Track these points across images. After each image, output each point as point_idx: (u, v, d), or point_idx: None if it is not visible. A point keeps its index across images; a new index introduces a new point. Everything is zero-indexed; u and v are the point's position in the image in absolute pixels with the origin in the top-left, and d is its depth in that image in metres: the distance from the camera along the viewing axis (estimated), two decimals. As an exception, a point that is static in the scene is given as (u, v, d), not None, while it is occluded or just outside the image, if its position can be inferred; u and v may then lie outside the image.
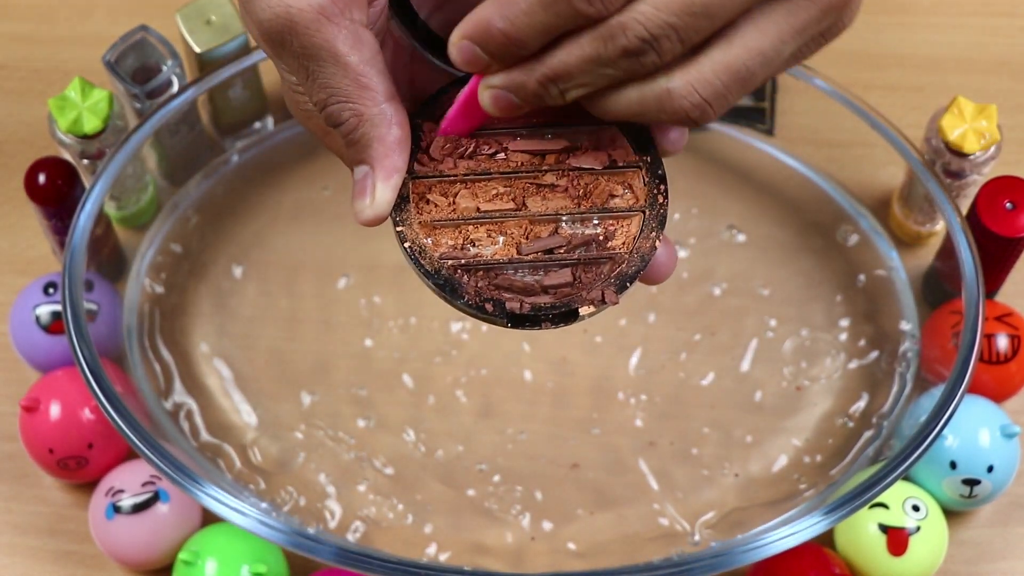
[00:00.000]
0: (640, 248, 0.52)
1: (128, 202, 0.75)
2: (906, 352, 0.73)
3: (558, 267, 0.52)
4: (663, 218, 0.52)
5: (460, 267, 0.51)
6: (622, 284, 0.51)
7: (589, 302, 0.51)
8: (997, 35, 0.84)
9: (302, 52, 0.48)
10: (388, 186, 0.50)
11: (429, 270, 0.51)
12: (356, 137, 0.50)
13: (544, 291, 0.51)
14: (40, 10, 0.84)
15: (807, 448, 0.72)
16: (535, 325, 0.51)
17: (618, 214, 0.52)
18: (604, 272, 0.52)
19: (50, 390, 0.70)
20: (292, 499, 0.70)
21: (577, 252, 0.52)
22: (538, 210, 0.52)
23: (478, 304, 0.51)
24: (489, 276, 0.51)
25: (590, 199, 0.52)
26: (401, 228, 0.51)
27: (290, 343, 0.74)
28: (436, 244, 0.52)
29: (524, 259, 0.51)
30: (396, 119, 0.50)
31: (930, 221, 0.76)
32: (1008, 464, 0.69)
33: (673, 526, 0.70)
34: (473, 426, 0.72)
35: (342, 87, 0.49)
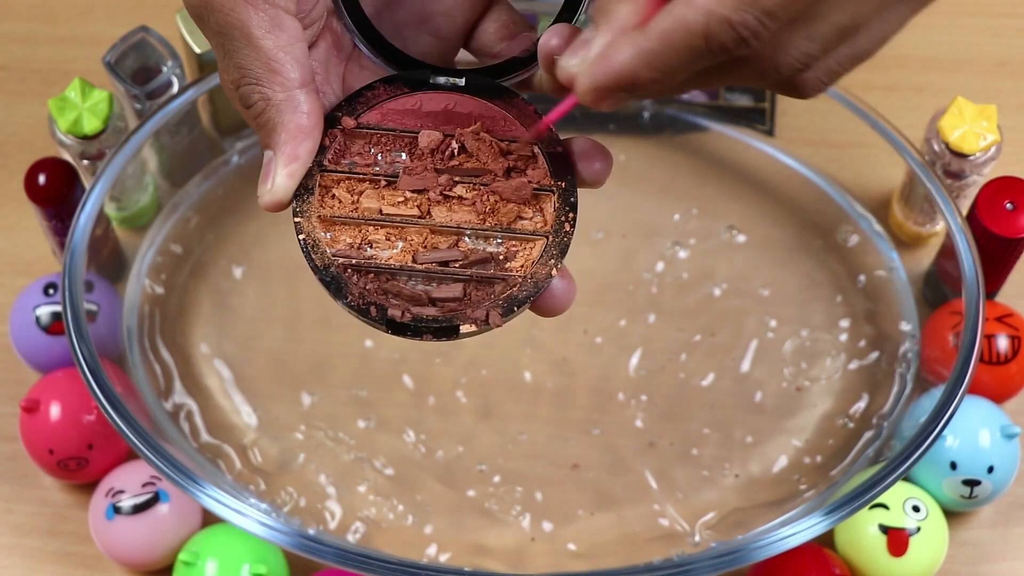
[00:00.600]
0: (536, 274, 0.51)
1: (128, 203, 0.75)
2: (906, 353, 0.73)
3: (450, 281, 0.51)
4: (565, 247, 0.51)
5: (351, 267, 0.51)
6: (510, 307, 0.50)
7: (472, 320, 0.50)
8: (997, 36, 0.84)
9: (218, 30, 0.49)
10: (286, 172, 0.51)
11: (319, 265, 0.51)
12: (263, 121, 0.50)
13: (431, 303, 0.51)
14: (40, 11, 0.84)
15: (807, 449, 0.72)
16: (415, 335, 0.50)
17: (522, 236, 0.52)
18: (495, 292, 0.51)
19: (50, 391, 0.70)
20: (292, 500, 0.70)
21: (472, 268, 0.51)
22: (441, 220, 0.52)
23: (361, 307, 0.50)
24: (379, 280, 0.51)
25: (496, 216, 0.52)
26: (299, 219, 0.51)
27: (290, 344, 0.74)
28: (333, 240, 0.51)
29: (417, 268, 0.51)
30: (305, 107, 0.50)
31: (930, 222, 0.76)
32: (1008, 465, 0.69)
33: (673, 527, 0.70)
34: (473, 427, 0.72)
35: (253, 69, 0.49)
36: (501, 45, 0.55)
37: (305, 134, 0.51)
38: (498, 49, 0.55)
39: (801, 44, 0.45)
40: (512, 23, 0.55)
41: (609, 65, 0.46)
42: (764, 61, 0.45)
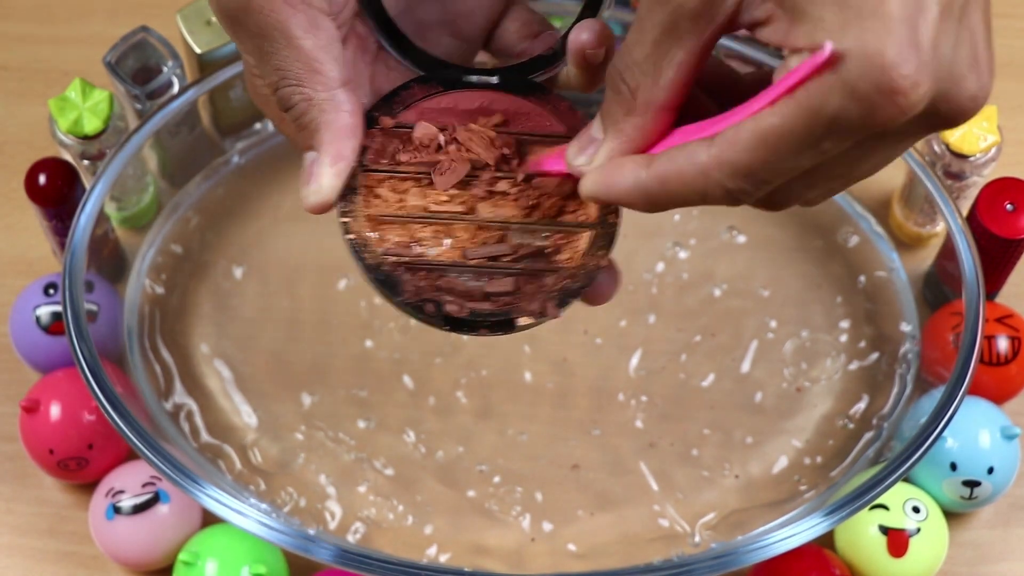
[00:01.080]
0: (586, 264, 0.51)
1: (128, 203, 0.75)
2: (906, 353, 0.73)
3: (502, 275, 0.51)
4: (612, 237, 0.52)
5: (402, 264, 0.51)
6: (564, 299, 0.51)
7: (528, 313, 0.50)
8: (997, 36, 0.84)
9: (257, 32, 0.48)
10: (334, 172, 0.50)
11: (371, 264, 0.50)
12: (305, 122, 0.50)
13: (485, 297, 0.51)
14: (41, 11, 0.84)
15: (807, 449, 0.72)
16: (472, 330, 0.50)
17: (567, 229, 0.52)
18: (547, 285, 0.51)
19: (50, 391, 0.70)
20: (292, 500, 0.70)
21: (522, 262, 0.51)
22: (487, 216, 0.51)
23: (416, 303, 0.50)
24: (431, 277, 0.51)
25: (541, 210, 0.52)
26: (346, 219, 0.51)
27: (290, 344, 0.74)
28: (381, 239, 0.51)
29: (468, 263, 0.51)
30: (347, 106, 0.50)
31: (930, 222, 0.76)
32: (1008, 466, 0.69)
33: (673, 527, 0.70)
34: (473, 427, 0.72)
35: (294, 70, 0.49)
36: (523, 44, 0.55)
37: (350, 133, 0.50)
38: (520, 48, 0.55)
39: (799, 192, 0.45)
40: (533, 22, 0.55)
41: (610, 185, 0.46)
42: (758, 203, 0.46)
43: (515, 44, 0.55)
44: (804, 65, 0.39)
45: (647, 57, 0.45)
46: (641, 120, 0.46)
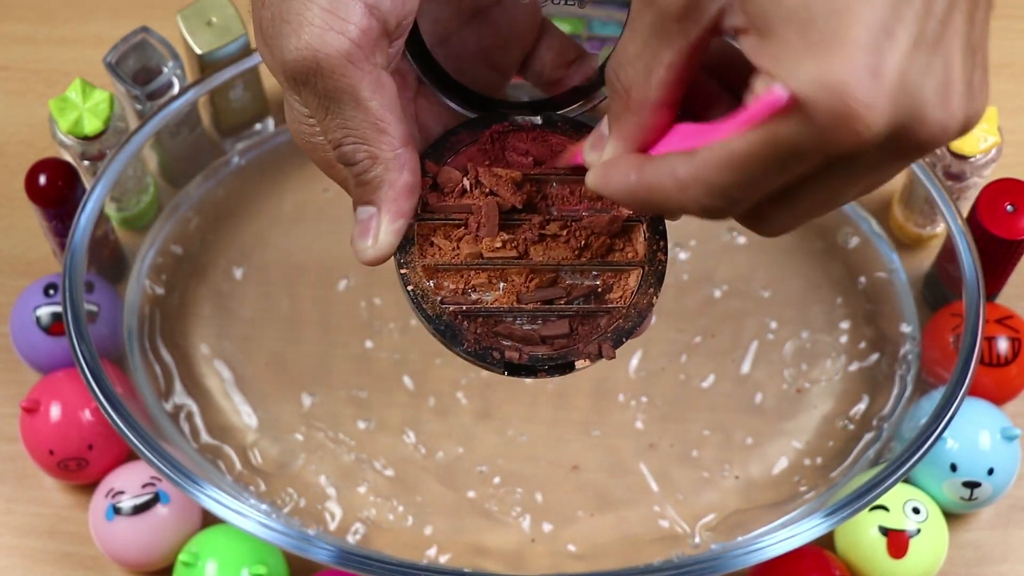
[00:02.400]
0: (637, 304, 0.52)
1: (129, 203, 0.75)
2: (906, 354, 0.73)
3: (556, 317, 0.52)
4: (662, 275, 0.52)
5: (461, 313, 0.52)
6: (619, 339, 0.52)
7: (586, 355, 0.51)
8: (997, 37, 0.84)
9: (324, 93, 0.48)
10: (393, 230, 0.51)
11: (431, 315, 0.51)
12: (368, 178, 0.50)
13: (542, 341, 0.52)
14: (41, 11, 0.84)
15: (807, 450, 0.72)
16: (531, 374, 0.51)
17: (617, 268, 0.53)
18: (601, 325, 0.52)
19: (50, 391, 0.70)
20: (292, 501, 0.70)
21: (576, 304, 0.52)
22: (539, 259, 0.52)
23: (477, 352, 0.51)
24: (488, 323, 0.52)
25: (590, 251, 0.52)
26: (405, 271, 0.52)
27: (290, 345, 0.74)
28: (438, 287, 0.52)
29: (524, 308, 0.52)
30: (409, 165, 0.50)
31: (930, 223, 0.76)
32: (1008, 467, 0.69)
33: (673, 528, 0.70)
34: (473, 428, 0.72)
35: (360, 129, 0.49)
36: (559, 72, 0.55)
37: (411, 191, 0.51)
38: (557, 76, 0.55)
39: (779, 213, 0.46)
40: (568, 49, 0.55)
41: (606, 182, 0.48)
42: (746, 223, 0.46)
43: (551, 72, 0.56)
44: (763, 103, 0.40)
45: (638, 56, 0.45)
46: (637, 118, 0.47)
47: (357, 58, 0.48)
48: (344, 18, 0.47)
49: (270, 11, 0.48)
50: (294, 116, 0.51)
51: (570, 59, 0.55)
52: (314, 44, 0.47)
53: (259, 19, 0.49)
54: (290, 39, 0.47)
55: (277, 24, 0.48)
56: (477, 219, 0.52)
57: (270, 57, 0.49)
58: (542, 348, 0.51)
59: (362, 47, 0.48)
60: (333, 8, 0.47)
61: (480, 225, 0.52)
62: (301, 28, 0.47)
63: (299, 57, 0.47)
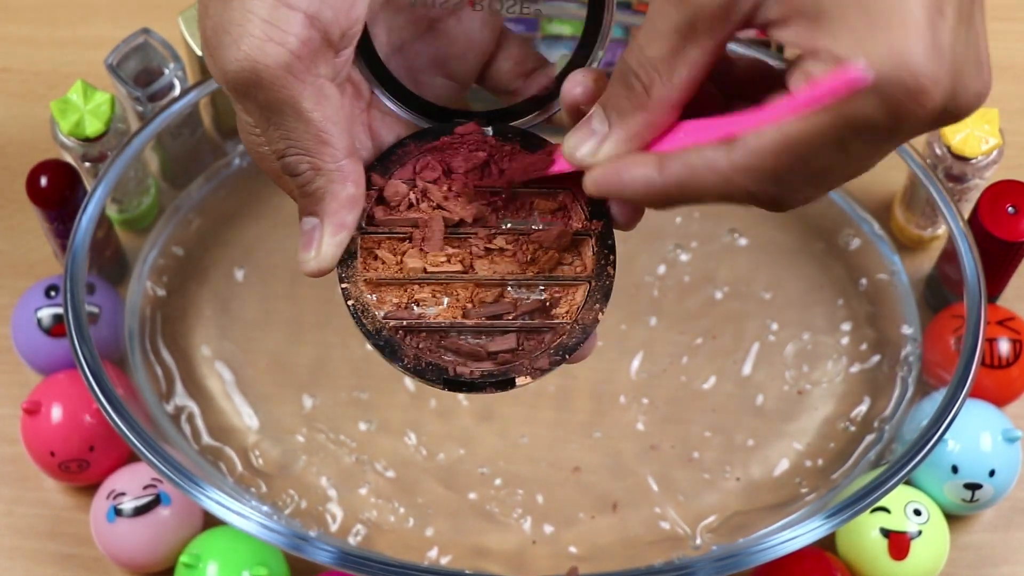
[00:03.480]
0: (583, 320, 0.52)
1: (130, 205, 0.75)
2: (908, 356, 0.73)
3: (501, 333, 0.52)
4: (608, 290, 0.52)
5: (403, 328, 0.51)
6: (562, 355, 0.51)
7: (529, 372, 0.51)
8: (999, 40, 0.84)
9: (266, 104, 0.48)
10: (334, 242, 0.51)
11: (370, 330, 0.51)
12: (311, 190, 0.50)
13: (488, 356, 0.51)
14: (42, 13, 0.84)
15: (809, 452, 0.72)
16: (472, 390, 0.51)
17: (564, 283, 0.52)
18: (546, 341, 0.51)
19: (52, 393, 0.70)
20: (293, 502, 0.70)
21: (522, 319, 0.52)
22: (485, 274, 0.52)
23: (417, 368, 0.51)
24: (433, 338, 0.51)
25: (537, 265, 0.52)
26: (346, 285, 0.51)
27: (291, 346, 0.74)
28: (380, 302, 0.52)
29: (466, 323, 0.51)
30: (352, 176, 0.50)
31: (932, 225, 0.76)
32: (1009, 468, 0.69)
33: (674, 530, 0.70)
34: (474, 429, 0.72)
35: (302, 141, 0.49)
36: (517, 83, 0.55)
37: (353, 203, 0.51)
38: (515, 86, 0.55)
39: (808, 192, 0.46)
40: (526, 59, 0.55)
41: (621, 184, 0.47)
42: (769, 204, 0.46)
43: (509, 82, 0.55)
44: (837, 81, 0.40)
45: (662, 56, 0.45)
46: (652, 116, 0.46)
47: (297, 69, 0.47)
48: (284, 29, 0.47)
49: (212, 21, 0.48)
50: (242, 126, 0.50)
51: (528, 69, 0.55)
52: (253, 55, 0.47)
53: (203, 28, 0.48)
54: (230, 50, 0.47)
55: (219, 34, 0.47)
56: (422, 233, 0.52)
57: (213, 67, 0.49)
58: (486, 364, 0.51)
59: (302, 58, 0.47)
60: (272, 19, 0.47)
61: (425, 239, 0.52)
62: (241, 39, 0.47)
63: (239, 68, 0.47)
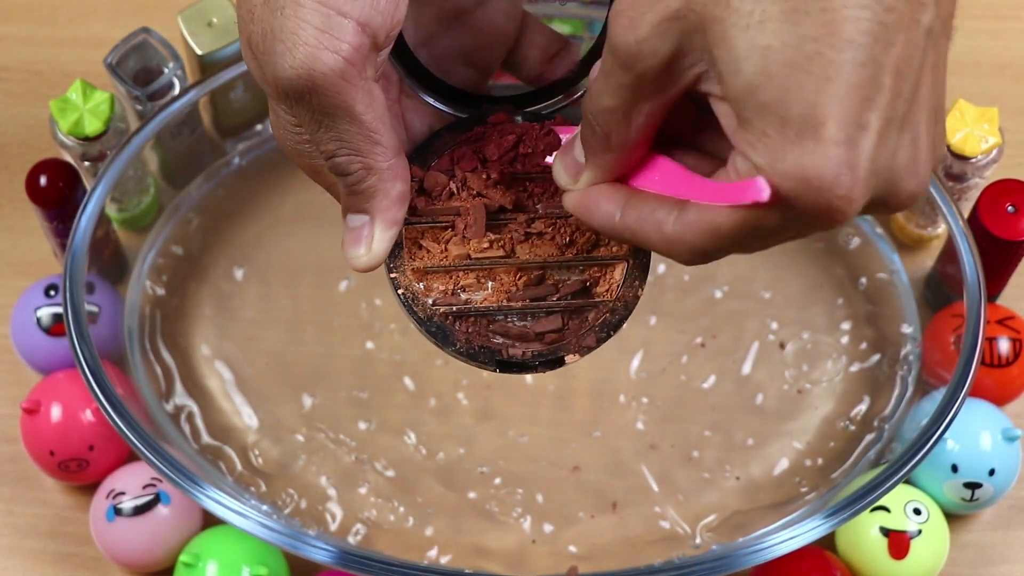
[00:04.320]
0: (624, 296, 0.53)
1: (129, 204, 0.75)
2: (907, 355, 0.73)
3: (546, 314, 0.53)
4: (647, 267, 0.53)
5: (452, 314, 0.53)
6: (607, 332, 0.53)
7: (576, 350, 0.52)
8: (999, 38, 0.84)
9: (320, 110, 0.49)
10: (387, 237, 0.51)
11: (422, 317, 0.52)
12: (362, 188, 0.51)
13: (536, 338, 0.53)
14: (41, 12, 0.84)
15: (808, 451, 0.72)
16: (523, 370, 0.52)
17: (602, 262, 0.53)
18: (590, 319, 0.53)
19: (51, 392, 0.70)
20: (293, 501, 0.70)
21: (565, 300, 0.53)
22: (526, 257, 0.53)
23: (469, 352, 0.52)
24: (481, 323, 0.53)
25: (575, 247, 0.53)
26: (395, 275, 0.53)
27: (291, 345, 0.74)
28: (428, 289, 0.53)
29: (513, 306, 0.53)
30: (401, 174, 0.51)
31: (932, 224, 0.76)
32: (1009, 468, 0.69)
33: (674, 529, 0.70)
34: (474, 428, 0.72)
35: (354, 142, 0.50)
36: (543, 67, 0.56)
37: (403, 200, 0.52)
38: (541, 70, 0.56)
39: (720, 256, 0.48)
40: (550, 43, 0.56)
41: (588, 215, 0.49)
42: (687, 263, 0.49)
43: (534, 67, 0.56)
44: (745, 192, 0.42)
45: (616, 107, 0.46)
46: (618, 155, 0.48)
47: (351, 75, 0.48)
48: (338, 37, 0.47)
49: (260, 27, 0.48)
50: (281, 124, 0.51)
51: (553, 52, 0.56)
52: (309, 63, 0.47)
53: (248, 33, 0.48)
54: (284, 57, 0.47)
55: (269, 41, 0.48)
56: (464, 220, 0.53)
57: (260, 73, 0.49)
58: (535, 344, 0.52)
59: (355, 64, 0.48)
60: (326, 28, 0.47)
61: (467, 226, 0.53)
62: (295, 47, 0.47)
63: (294, 76, 0.47)
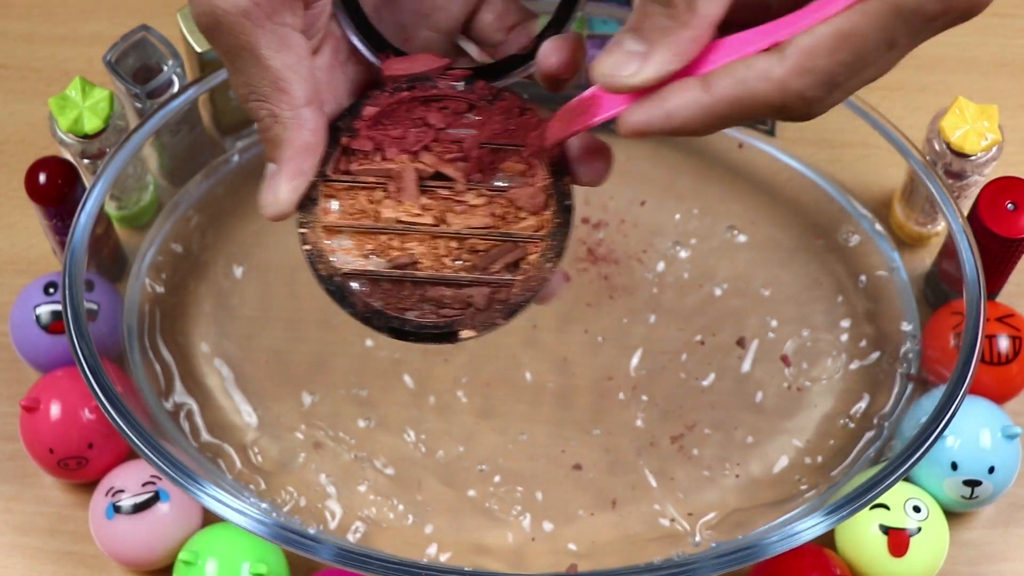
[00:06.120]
0: (536, 276, 0.53)
1: (129, 202, 0.75)
2: (907, 353, 0.73)
3: (455, 286, 0.52)
4: (562, 249, 0.53)
5: (356, 275, 0.52)
6: (512, 310, 0.52)
7: (473, 326, 0.52)
8: (998, 35, 0.84)
9: (227, 48, 0.50)
10: (291, 187, 0.52)
11: (323, 275, 0.52)
12: (269, 136, 0.51)
13: (439, 309, 0.52)
14: (41, 9, 0.84)
15: (808, 449, 0.72)
16: (417, 340, 0.52)
17: (521, 240, 0.53)
18: (498, 296, 0.52)
19: (50, 390, 0.70)
20: (292, 499, 0.70)
21: (477, 273, 0.52)
22: (449, 228, 0.53)
23: (364, 315, 0.52)
24: (387, 288, 0.52)
25: (504, 222, 0.53)
26: (304, 230, 0.52)
27: (290, 343, 0.74)
28: (339, 248, 0.52)
29: (419, 275, 0.52)
30: (310, 124, 0.51)
31: (931, 222, 0.76)
32: (1009, 465, 0.69)
33: (674, 527, 0.70)
34: (474, 426, 0.72)
35: (261, 87, 0.50)
36: (500, 35, 0.56)
37: (310, 151, 0.52)
38: (497, 39, 0.56)
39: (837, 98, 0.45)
40: (509, 12, 0.56)
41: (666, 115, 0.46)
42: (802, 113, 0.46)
43: (491, 35, 0.56)
44: None
45: None
46: (696, 32, 0.45)
47: (256, 16, 0.49)
48: None
49: None
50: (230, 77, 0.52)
51: (511, 22, 0.56)
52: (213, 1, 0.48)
53: None
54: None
55: None
56: (396, 184, 0.53)
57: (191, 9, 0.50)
58: (434, 316, 0.52)
59: (261, 5, 0.48)
60: None
61: (399, 189, 0.53)
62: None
63: (201, 12, 0.49)
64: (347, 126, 0.53)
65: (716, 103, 0.45)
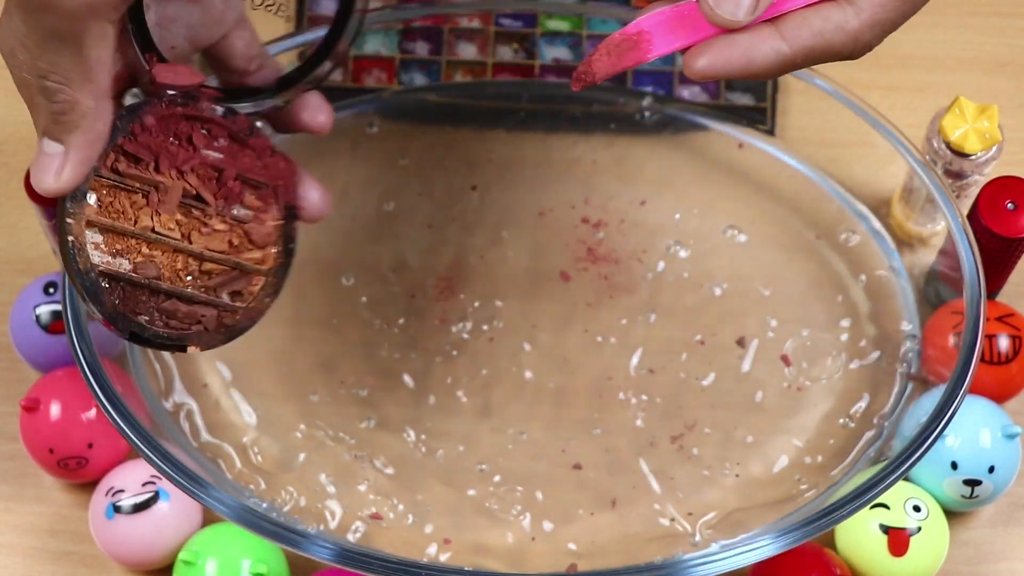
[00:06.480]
0: (255, 308, 0.59)
1: (128, 202, 0.75)
2: (907, 352, 0.73)
3: (189, 302, 0.56)
4: (279, 287, 0.59)
5: (110, 276, 0.55)
6: (232, 334, 0.58)
7: (199, 343, 0.57)
8: (998, 35, 0.84)
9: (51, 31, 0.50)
10: (76, 173, 0.54)
11: (80, 269, 0.54)
12: (64, 119, 0.53)
13: (176, 321, 0.56)
14: (41, 10, 0.84)
15: (808, 448, 0.72)
16: (150, 346, 0.56)
17: (251, 271, 0.58)
18: (224, 320, 0.57)
19: (50, 390, 0.70)
20: (292, 499, 0.70)
21: (210, 294, 0.57)
22: (196, 247, 0.57)
23: (110, 316, 0.54)
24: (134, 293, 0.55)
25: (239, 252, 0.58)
26: (71, 220, 0.54)
27: (291, 343, 0.74)
28: (99, 245, 0.55)
29: (162, 286, 0.56)
30: (104, 117, 0.53)
31: (931, 221, 0.76)
32: (1009, 465, 0.69)
33: (674, 526, 0.70)
34: (474, 426, 0.72)
35: (70, 72, 0.51)
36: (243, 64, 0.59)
37: (100, 141, 0.54)
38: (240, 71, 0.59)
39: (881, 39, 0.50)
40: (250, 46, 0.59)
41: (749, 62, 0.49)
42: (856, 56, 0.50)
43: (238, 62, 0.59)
44: None
45: None
46: None
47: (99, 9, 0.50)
48: None
49: None
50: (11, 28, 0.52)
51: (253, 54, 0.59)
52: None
53: None
54: None
55: None
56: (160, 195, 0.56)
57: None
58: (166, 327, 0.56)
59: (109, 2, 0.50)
60: None
61: (161, 201, 0.56)
62: None
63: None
64: (124, 127, 0.55)
65: (795, 53, 0.49)
